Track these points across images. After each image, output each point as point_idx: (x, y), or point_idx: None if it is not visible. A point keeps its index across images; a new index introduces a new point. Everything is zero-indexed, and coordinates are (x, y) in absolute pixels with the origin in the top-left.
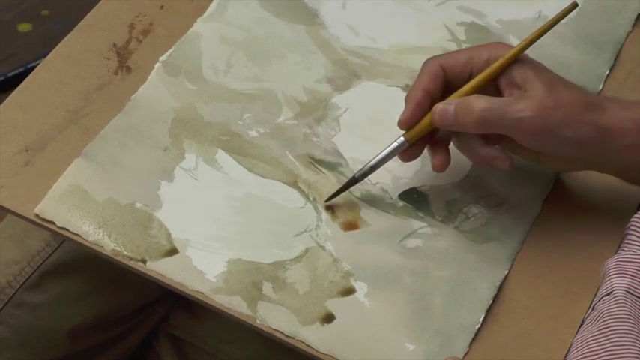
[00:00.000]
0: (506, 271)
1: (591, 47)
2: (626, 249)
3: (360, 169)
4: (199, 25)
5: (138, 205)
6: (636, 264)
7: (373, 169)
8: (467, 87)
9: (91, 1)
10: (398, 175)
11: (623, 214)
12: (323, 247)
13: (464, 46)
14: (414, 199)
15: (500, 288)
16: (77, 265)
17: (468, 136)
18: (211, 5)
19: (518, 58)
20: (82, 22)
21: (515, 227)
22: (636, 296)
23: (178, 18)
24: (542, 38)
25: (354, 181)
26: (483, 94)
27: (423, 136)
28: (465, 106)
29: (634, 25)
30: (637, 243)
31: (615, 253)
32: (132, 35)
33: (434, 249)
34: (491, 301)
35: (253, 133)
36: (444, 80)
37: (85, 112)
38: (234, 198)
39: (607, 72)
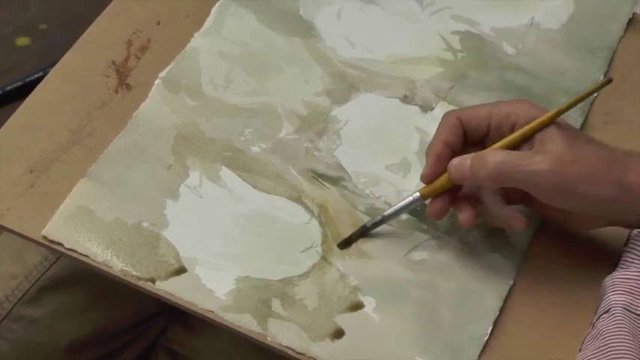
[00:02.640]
0: (512, 282)
1: (585, 53)
2: (624, 266)
3: (372, 219)
4: (197, 41)
5: (145, 224)
6: (634, 281)
7: (385, 219)
8: (494, 146)
9: (89, 15)
10: (401, 188)
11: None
12: (330, 263)
13: (459, 55)
14: (418, 211)
15: (506, 298)
16: (75, 279)
17: (489, 195)
18: (208, 20)
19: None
20: (79, 39)
21: (519, 237)
22: (634, 313)
23: (175, 33)
24: (535, 46)
25: (365, 229)
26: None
27: (439, 192)
28: (480, 159)
29: (626, 30)
30: (635, 260)
31: (614, 269)
32: (130, 52)
33: (439, 261)
34: (498, 313)
35: (256, 149)
36: (463, 133)
37: (88, 132)
38: (239, 215)
39: (601, 78)
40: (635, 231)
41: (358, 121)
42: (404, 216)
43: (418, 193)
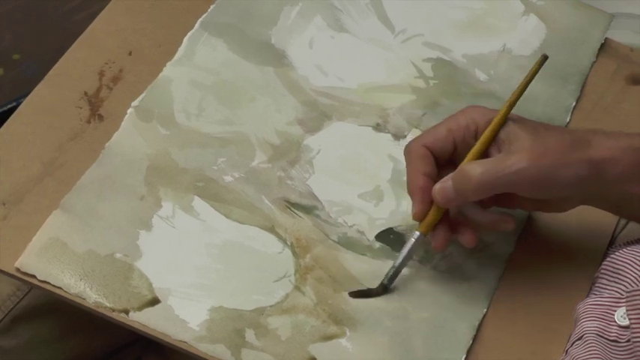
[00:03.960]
0: (485, 310)
1: (557, 79)
2: (597, 292)
3: (386, 275)
4: (169, 70)
5: (118, 255)
6: (606, 307)
7: (398, 270)
8: (467, 160)
9: (62, 45)
10: (374, 216)
11: (595, 250)
12: (303, 292)
13: (432, 82)
14: (391, 239)
15: (480, 327)
16: (48, 309)
17: (470, 209)
18: (180, 49)
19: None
20: (51, 71)
21: (491, 266)
22: (607, 339)
23: (147, 63)
24: (507, 72)
25: (384, 288)
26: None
27: (435, 223)
28: (462, 176)
29: (598, 55)
30: (607, 286)
31: (587, 294)
32: (102, 82)
33: (413, 290)
34: (471, 342)
35: (228, 178)
36: (433, 158)
37: (60, 163)
38: (212, 245)
39: (574, 103)
40: (608, 258)
41: (331, 149)
42: (376, 244)
43: (418, 232)
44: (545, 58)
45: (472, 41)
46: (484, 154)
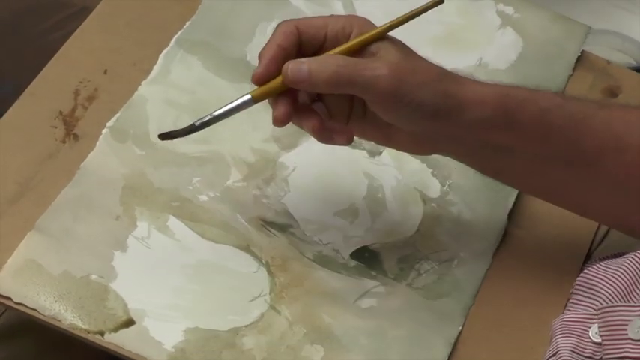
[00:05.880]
0: (460, 327)
1: None
2: (572, 308)
3: (201, 118)
4: (144, 89)
5: (93, 276)
6: (581, 323)
7: (215, 119)
8: (331, 53)
9: (38, 64)
10: (349, 234)
11: (571, 265)
12: (278, 312)
13: None
14: (366, 257)
15: (456, 344)
16: (24, 328)
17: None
18: (155, 68)
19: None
20: (26, 90)
21: (467, 282)
22: (582, 355)
23: (122, 82)
24: None
25: (194, 128)
26: None
27: (271, 95)
28: (319, 62)
29: (574, 68)
30: (582, 302)
31: (562, 311)
32: (77, 102)
33: (388, 308)
34: (447, 359)
35: (204, 198)
36: (299, 42)
37: (35, 183)
38: (187, 265)
39: None
40: (583, 274)
41: (306, 167)
42: (352, 262)
43: (249, 95)
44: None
45: (448, 55)
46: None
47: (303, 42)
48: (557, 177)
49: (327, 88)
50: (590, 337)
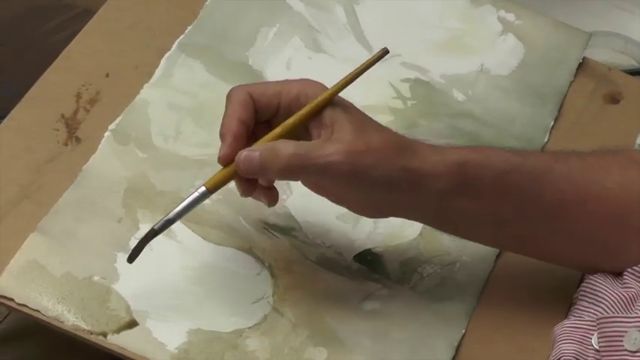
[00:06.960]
0: (463, 331)
1: (535, 99)
2: (576, 314)
3: (159, 221)
4: (146, 92)
5: (95, 278)
6: (585, 330)
7: (170, 222)
8: (276, 131)
9: (38, 67)
10: (351, 237)
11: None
12: (281, 314)
13: (410, 103)
14: (369, 260)
15: (459, 347)
16: (29, 331)
17: None
18: (157, 71)
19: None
20: (28, 93)
21: (470, 285)
22: None
23: (124, 85)
24: (485, 91)
25: (153, 233)
26: (292, 135)
27: (225, 183)
28: (271, 152)
29: (576, 75)
30: (587, 309)
31: (566, 316)
32: (79, 105)
33: (391, 311)
34: None
35: (206, 200)
36: (255, 109)
37: (38, 186)
38: (190, 267)
39: (552, 123)
40: (587, 279)
41: None
42: (355, 265)
43: (204, 188)
44: (385, 52)
45: (450, 61)
46: (303, 130)
47: (258, 109)
48: (523, 233)
49: (280, 177)
50: (592, 345)
